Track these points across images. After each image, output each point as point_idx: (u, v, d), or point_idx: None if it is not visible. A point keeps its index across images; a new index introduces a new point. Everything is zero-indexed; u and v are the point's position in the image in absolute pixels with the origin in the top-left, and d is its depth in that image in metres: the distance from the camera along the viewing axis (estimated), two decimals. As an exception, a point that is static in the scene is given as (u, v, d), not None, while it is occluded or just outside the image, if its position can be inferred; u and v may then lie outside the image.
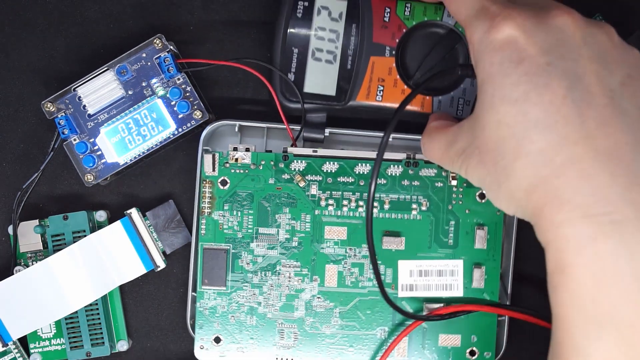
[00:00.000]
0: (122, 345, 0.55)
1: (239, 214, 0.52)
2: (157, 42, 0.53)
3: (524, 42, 0.40)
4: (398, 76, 0.52)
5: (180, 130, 0.53)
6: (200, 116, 0.53)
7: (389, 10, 0.52)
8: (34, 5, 0.56)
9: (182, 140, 0.55)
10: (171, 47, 0.53)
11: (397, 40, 0.52)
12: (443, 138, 0.46)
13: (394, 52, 0.52)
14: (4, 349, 0.54)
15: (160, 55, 0.53)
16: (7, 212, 0.56)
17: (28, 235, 0.54)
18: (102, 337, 0.54)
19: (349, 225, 0.52)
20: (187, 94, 0.53)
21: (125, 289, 0.56)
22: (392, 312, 0.52)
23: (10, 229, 0.55)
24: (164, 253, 0.55)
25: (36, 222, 0.55)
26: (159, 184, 0.56)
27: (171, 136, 0.53)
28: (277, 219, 0.52)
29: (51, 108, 0.52)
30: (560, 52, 0.40)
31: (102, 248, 0.53)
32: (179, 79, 0.53)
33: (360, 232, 0.52)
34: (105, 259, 0.53)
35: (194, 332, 0.53)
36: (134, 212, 0.53)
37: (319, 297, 0.52)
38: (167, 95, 0.53)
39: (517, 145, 0.40)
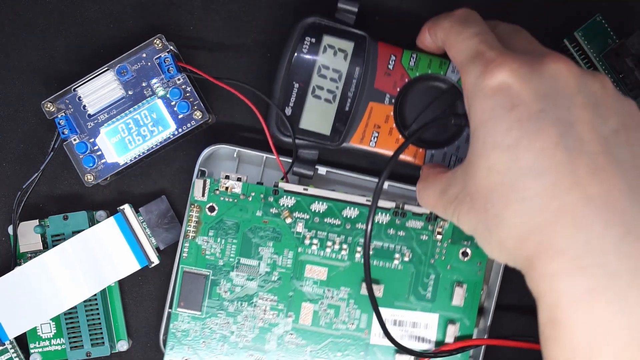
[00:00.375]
0: (122, 345, 0.56)
1: (223, 242, 0.52)
2: (158, 42, 0.53)
3: (517, 89, 0.40)
4: (394, 125, 0.52)
5: (180, 130, 0.53)
6: (200, 116, 0.53)
7: (394, 58, 0.52)
8: (34, 5, 0.56)
9: (182, 140, 0.55)
10: (171, 48, 0.53)
11: (398, 89, 0.52)
12: (437, 185, 0.45)
13: (393, 101, 0.52)
14: (1, 348, 0.54)
15: (160, 56, 0.53)
16: (7, 212, 0.56)
17: (28, 235, 0.55)
18: (102, 337, 0.54)
19: (330, 266, 0.52)
20: (187, 95, 0.53)
21: (125, 289, 0.57)
22: (362, 356, 0.52)
23: (10, 229, 0.55)
24: (157, 249, 0.55)
25: (36, 222, 0.55)
26: (159, 184, 0.57)
27: (171, 136, 0.53)
28: (260, 251, 0.52)
29: (51, 108, 0.53)
30: (554, 100, 0.40)
31: (96, 244, 0.53)
32: (179, 79, 0.53)
33: (340, 275, 0.52)
34: (100, 255, 0.53)
35: (164, 349, 0.53)
36: (126, 208, 0.53)
37: (291, 334, 0.52)
38: (167, 96, 0.53)
39: (508, 192, 0.39)
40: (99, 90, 0.53)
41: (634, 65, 0.52)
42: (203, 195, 0.52)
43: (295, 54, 0.53)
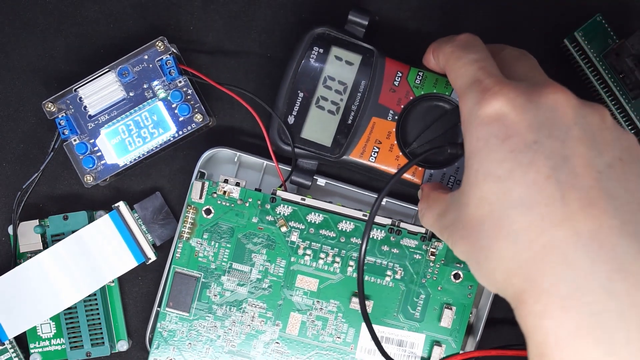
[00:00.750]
0: (122, 345, 0.56)
1: (217, 246, 0.52)
2: (159, 44, 0.53)
3: (513, 119, 0.39)
4: (396, 142, 0.52)
5: (180, 133, 0.53)
6: (201, 119, 0.53)
7: (400, 74, 0.52)
8: (34, 5, 0.56)
9: (182, 142, 0.55)
10: (173, 50, 0.53)
11: (402, 107, 0.52)
12: (436, 207, 0.45)
13: (396, 117, 0.52)
14: (1, 348, 0.54)
15: (162, 58, 0.53)
16: (7, 212, 0.56)
17: (28, 235, 0.55)
18: (102, 337, 0.54)
19: (322, 278, 0.52)
20: (188, 97, 0.53)
21: (125, 289, 0.57)
22: (348, 370, 0.52)
23: (10, 229, 0.55)
24: (154, 246, 0.55)
25: (36, 222, 0.55)
26: (159, 184, 0.57)
27: (171, 139, 0.54)
28: (252, 258, 0.52)
29: (52, 108, 0.53)
30: (549, 131, 0.39)
31: (92, 242, 0.53)
32: (180, 82, 0.53)
33: (331, 287, 0.52)
34: (96, 253, 0.53)
35: (150, 347, 0.53)
36: (121, 205, 0.54)
37: (277, 343, 0.52)
38: (168, 98, 0.53)
39: (498, 224, 0.39)
40: (100, 91, 0.53)
41: (634, 65, 0.52)
42: (200, 198, 0.52)
43: (302, 63, 0.52)
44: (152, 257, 0.54)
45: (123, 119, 0.53)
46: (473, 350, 0.53)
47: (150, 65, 0.53)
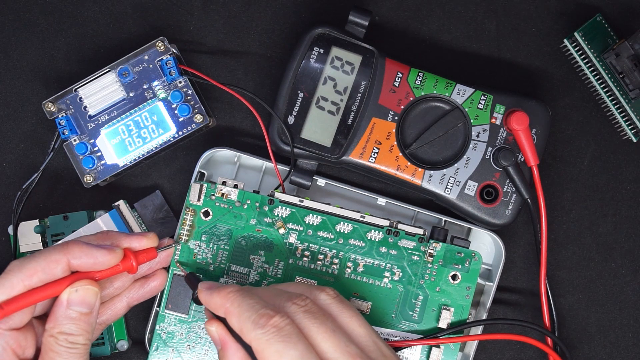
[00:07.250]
0: (122, 346, 0.56)
1: (215, 248, 0.52)
2: (160, 44, 0.53)
3: None
4: (396, 142, 0.52)
5: (180, 133, 0.53)
6: (201, 120, 0.53)
7: (400, 75, 0.52)
8: (34, 5, 0.56)
9: (182, 143, 0.55)
10: (173, 50, 0.53)
11: (402, 107, 0.52)
12: None
13: (396, 118, 0.52)
14: None
15: (162, 58, 0.53)
16: (7, 212, 0.56)
17: (28, 235, 0.55)
18: (102, 337, 0.54)
19: (320, 280, 0.52)
20: (189, 97, 0.53)
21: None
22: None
23: (10, 229, 0.55)
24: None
25: (36, 222, 0.55)
26: (160, 184, 0.57)
27: (171, 139, 0.54)
28: (251, 259, 0.52)
29: (52, 108, 0.53)
30: None
31: (92, 242, 0.53)
32: (180, 82, 0.53)
33: (329, 289, 0.52)
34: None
35: (149, 348, 0.53)
36: (121, 204, 0.54)
37: (276, 344, 0.52)
38: (168, 98, 0.53)
39: None
40: (100, 91, 0.53)
41: (634, 65, 0.52)
42: (199, 200, 0.52)
43: (302, 63, 0.52)
44: (153, 256, 0.54)
45: (123, 119, 0.53)
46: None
47: (151, 66, 0.53)
